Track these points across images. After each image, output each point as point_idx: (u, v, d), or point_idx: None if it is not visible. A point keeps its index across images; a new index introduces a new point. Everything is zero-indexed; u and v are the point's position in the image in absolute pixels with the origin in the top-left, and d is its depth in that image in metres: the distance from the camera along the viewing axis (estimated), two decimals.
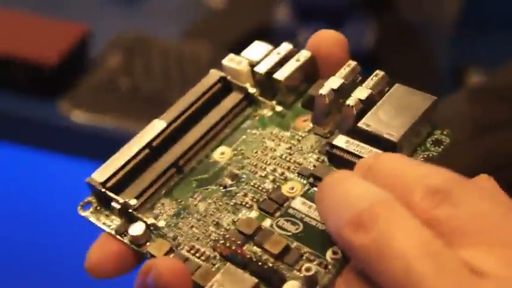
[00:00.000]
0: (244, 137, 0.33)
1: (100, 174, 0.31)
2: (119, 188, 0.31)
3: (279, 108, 0.33)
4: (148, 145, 0.32)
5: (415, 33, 0.86)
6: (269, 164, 0.31)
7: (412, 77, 0.30)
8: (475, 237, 0.23)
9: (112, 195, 0.30)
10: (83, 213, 0.31)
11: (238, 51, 0.34)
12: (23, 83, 0.84)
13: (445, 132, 0.30)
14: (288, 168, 0.31)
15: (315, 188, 0.30)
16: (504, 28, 0.78)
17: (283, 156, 0.31)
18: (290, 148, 0.32)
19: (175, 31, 0.88)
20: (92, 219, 0.31)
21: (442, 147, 0.30)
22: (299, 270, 0.27)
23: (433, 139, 0.30)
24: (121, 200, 0.30)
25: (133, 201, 0.30)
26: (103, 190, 0.31)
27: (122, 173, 0.31)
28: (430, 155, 0.29)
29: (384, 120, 0.29)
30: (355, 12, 0.87)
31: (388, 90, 0.31)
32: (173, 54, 0.82)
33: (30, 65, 0.82)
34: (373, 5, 0.89)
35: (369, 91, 0.30)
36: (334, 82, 0.31)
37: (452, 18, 0.86)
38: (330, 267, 0.27)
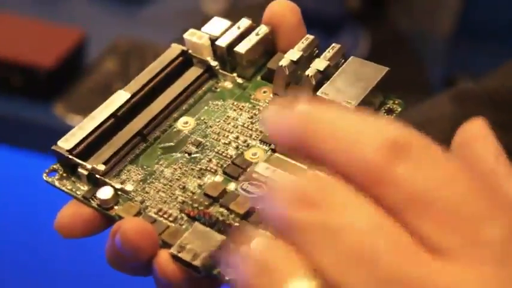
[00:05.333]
0: (206, 107, 0.34)
1: (66, 142, 0.32)
2: (85, 155, 0.32)
3: (240, 80, 0.35)
4: (113, 114, 0.33)
5: (408, 44, 0.88)
6: (232, 132, 0.33)
7: (404, 88, 0.32)
8: (439, 206, 0.20)
9: (79, 161, 0.31)
10: (48, 179, 0.32)
11: None
12: (18, 86, 0.84)
13: (396, 102, 0.32)
14: (250, 135, 0.32)
15: (277, 154, 0.31)
16: (497, 40, 0.81)
17: (245, 125, 0.33)
18: (251, 117, 0.33)
19: (171, 37, 0.90)
20: (58, 185, 0.32)
21: (394, 115, 0.32)
22: (264, 229, 0.28)
23: (386, 108, 0.32)
24: (89, 166, 0.31)
25: (101, 167, 0.31)
26: (70, 157, 0.31)
27: (88, 140, 0.32)
28: None
29: (341, 89, 0.31)
30: (349, 23, 0.89)
31: (344, 63, 0.33)
32: None
33: (26, 68, 0.83)
34: (367, 15, 0.90)
35: (327, 63, 0.32)
36: (294, 54, 0.33)
37: (445, 30, 0.88)
38: None
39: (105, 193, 0.30)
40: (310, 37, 0.33)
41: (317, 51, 0.33)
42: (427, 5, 0.92)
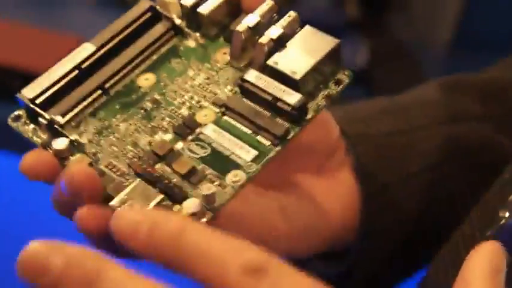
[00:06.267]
0: (168, 65, 0.35)
1: (30, 91, 0.34)
2: (47, 105, 0.34)
3: (202, 41, 0.36)
4: (77, 66, 0.35)
5: (407, 53, 0.89)
6: (188, 92, 0.34)
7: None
8: None
9: (40, 111, 0.33)
10: (13, 124, 0.34)
11: None
12: (17, 92, 0.88)
13: (345, 73, 0.33)
14: (204, 96, 0.34)
15: (226, 117, 0.33)
16: (496, 49, 0.80)
17: (201, 86, 0.34)
18: (208, 78, 0.34)
19: None
20: (20, 130, 0.34)
21: (341, 86, 0.33)
22: (202, 189, 0.30)
23: (335, 79, 0.33)
24: (48, 116, 0.33)
25: (59, 118, 0.33)
26: (31, 106, 0.33)
27: (50, 90, 0.34)
28: (330, 93, 0.33)
29: (291, 59, 0.32)
30: (348, 32, 0.89)
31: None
32: None
33: (25, 74, 0.85)
34: (366, 25, 0.91)
35: (281, 31, 0.33)
36: (251, 20, 0.34)
37: (444, 39, 0.89)
38: (227, 188, 0.30)
39: (59, 144, 0.32)
40: (271, 2, 0.34)
41: (276, 16, 0.34)
42: (426, 14, 0.92)
